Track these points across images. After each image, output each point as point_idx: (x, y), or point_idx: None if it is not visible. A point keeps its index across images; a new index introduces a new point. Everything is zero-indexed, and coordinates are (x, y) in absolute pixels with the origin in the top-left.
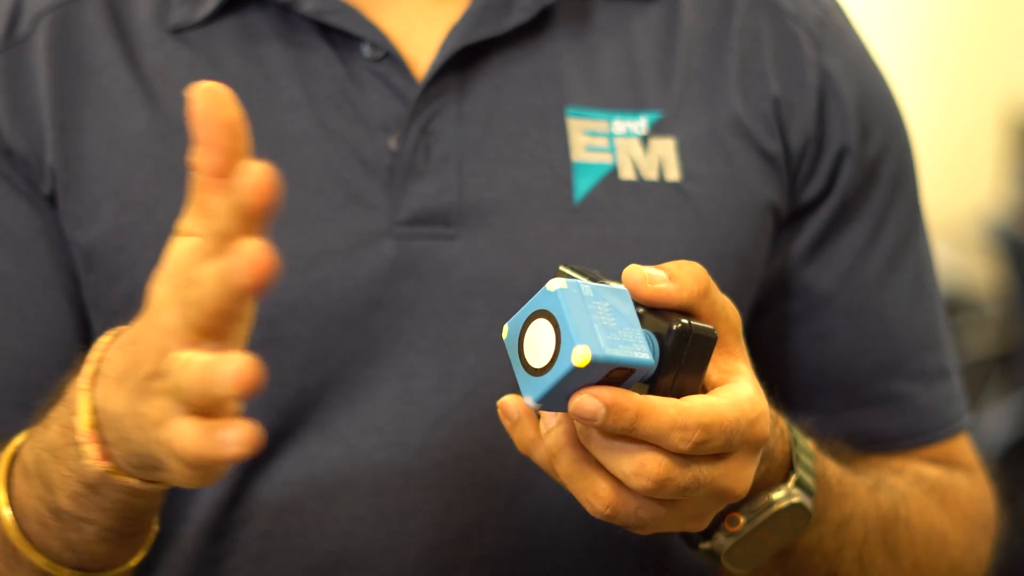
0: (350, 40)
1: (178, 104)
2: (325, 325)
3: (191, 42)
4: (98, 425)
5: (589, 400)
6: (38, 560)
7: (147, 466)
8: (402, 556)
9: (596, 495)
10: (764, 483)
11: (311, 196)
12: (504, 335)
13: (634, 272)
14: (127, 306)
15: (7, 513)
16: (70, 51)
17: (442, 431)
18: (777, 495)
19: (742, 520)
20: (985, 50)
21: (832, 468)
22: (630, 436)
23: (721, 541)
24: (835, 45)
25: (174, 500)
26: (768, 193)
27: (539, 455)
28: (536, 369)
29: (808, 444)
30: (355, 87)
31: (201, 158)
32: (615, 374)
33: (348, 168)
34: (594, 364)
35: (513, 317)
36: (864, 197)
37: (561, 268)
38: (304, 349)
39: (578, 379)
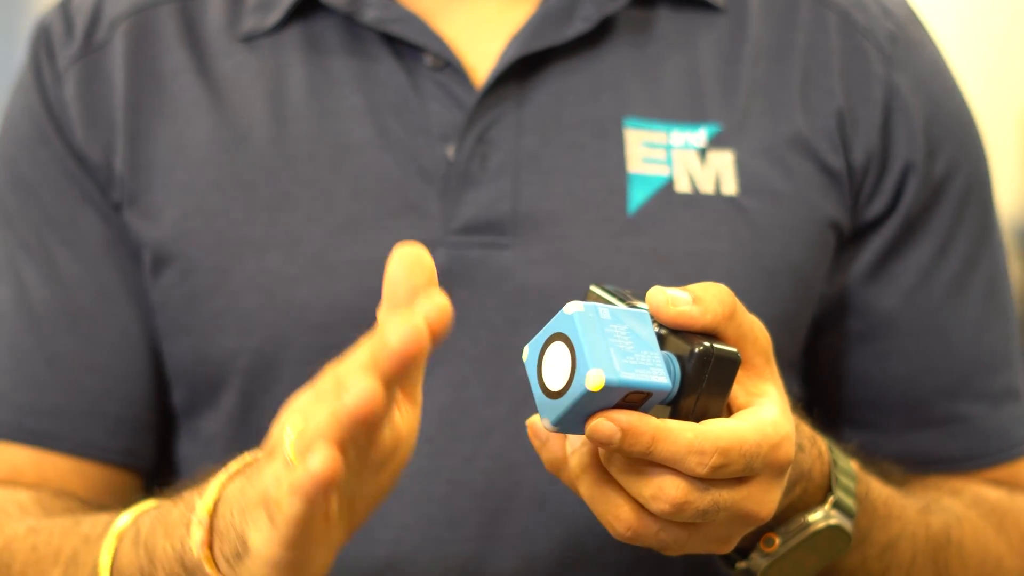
0: (414, 49)
1: (243, 112)
2: None
3: (259, 50)
4: (214, 513)
5: (605, 424)
6: None
7: (235, 554)
8: (449, 564)
9: (617, 517)
10: (801, 504)
11: (368, 204)
12: (524, 357)
13: (657, 294)
14: (187, 310)
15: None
16: (144, 58)
17: (491, 441)
18: (814, 516)
19: (777, 541)
20: (1006, 51)
21: (877, 490)
22: (649, 460)
23: (757, 561)
24: (906, 60)
25: None
26: (830, 210)
27: (566, 475)
28: (553, 392)
29: (850, 465)
30: (416, 96)
31: (388, 323)
32: (632, 397)
33: (406, 177)
34: (608, 388)
35: (533, 339)
36: (930, 215)
37: (592, 288)
38: None
39: (593, 403)
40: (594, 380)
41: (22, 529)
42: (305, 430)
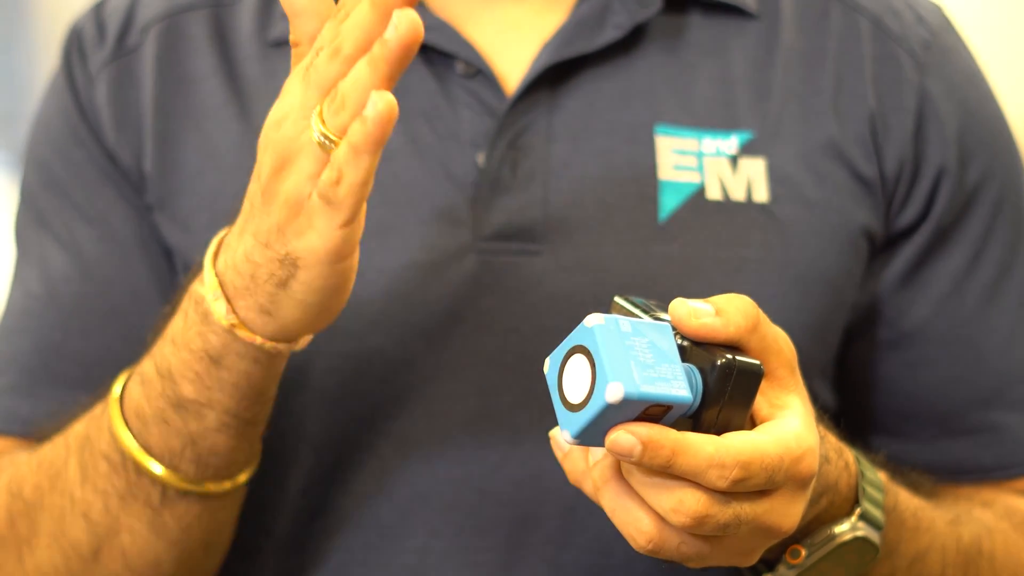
0: (445, 56)
1: None
2: (407, 339)
3: (289, 56)
4: (223, 283)
5: (625, 437)
6: (159, 471)
7: (277, 286)
8: (477, 572)
9: (638, 530)
10: (828, 516)
11: (397, 211)
12: (545, 369)
13: (680, 306)
14: None
15: (123, 431)
16: (174, 62)
17: (520, 449)
18: (840, 528)
19: (803, 552)
20: (1007, 52)
21: (906, 501)
22: (669, 472)
23: (783, 573)
24: (939, 67)
25: (258, 512)
26: (862, 217)
27: (588, 487)
28: (573, 405)
29: (878, 477)
30: (447, 103)
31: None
32: (653, 410)
33: (435, 183)
34: (627, 401)
35: (554, 352)
36: (962, 223)
37: (616, 300)
38: (386, 362)
39: (613, 416)
40: (614, 393)
41: (24, 457)
42: (341, 92)
